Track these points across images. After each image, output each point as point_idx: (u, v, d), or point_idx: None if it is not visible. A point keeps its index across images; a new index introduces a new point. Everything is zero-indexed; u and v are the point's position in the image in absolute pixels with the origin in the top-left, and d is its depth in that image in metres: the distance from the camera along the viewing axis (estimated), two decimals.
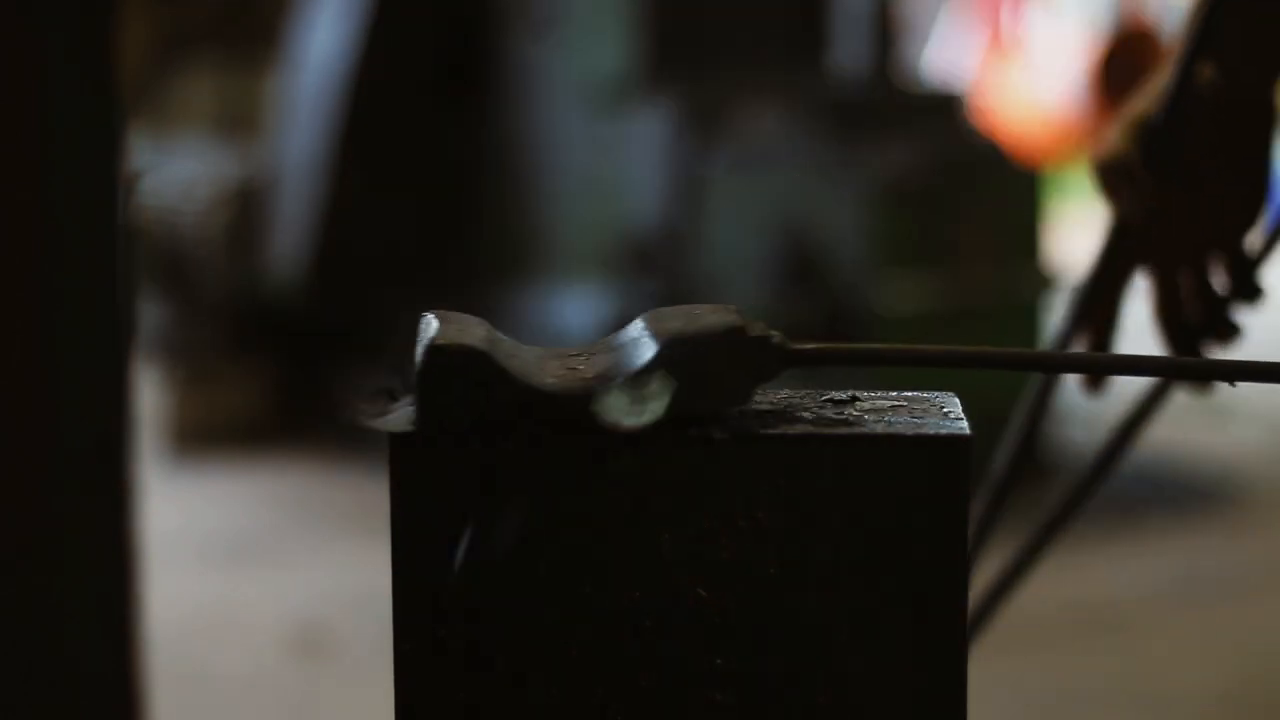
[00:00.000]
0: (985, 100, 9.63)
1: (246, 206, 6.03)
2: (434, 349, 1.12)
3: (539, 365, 1.15)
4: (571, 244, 5.89)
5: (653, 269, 5.59)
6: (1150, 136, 1.55)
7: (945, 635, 1.14)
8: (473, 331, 1.14)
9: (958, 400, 1.20)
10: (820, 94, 5.73)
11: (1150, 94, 1.57)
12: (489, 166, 6.11)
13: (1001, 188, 5.40)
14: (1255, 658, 4.24)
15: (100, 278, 0.84)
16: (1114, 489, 5.97)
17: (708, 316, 1.15)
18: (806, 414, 1.16)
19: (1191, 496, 5.49)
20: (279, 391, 5.94)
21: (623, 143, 5.75)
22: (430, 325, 1.15)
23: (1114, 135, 1.56)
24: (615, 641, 1.13)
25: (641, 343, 1.15)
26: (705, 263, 5.51)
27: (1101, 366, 1.46)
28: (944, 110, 5.90)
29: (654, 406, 1.11)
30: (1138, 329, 1.69)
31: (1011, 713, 3.83)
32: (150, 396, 5.65)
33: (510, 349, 1.15)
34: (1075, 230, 8.26)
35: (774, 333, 1.15)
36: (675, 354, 1.12)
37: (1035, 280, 5.50)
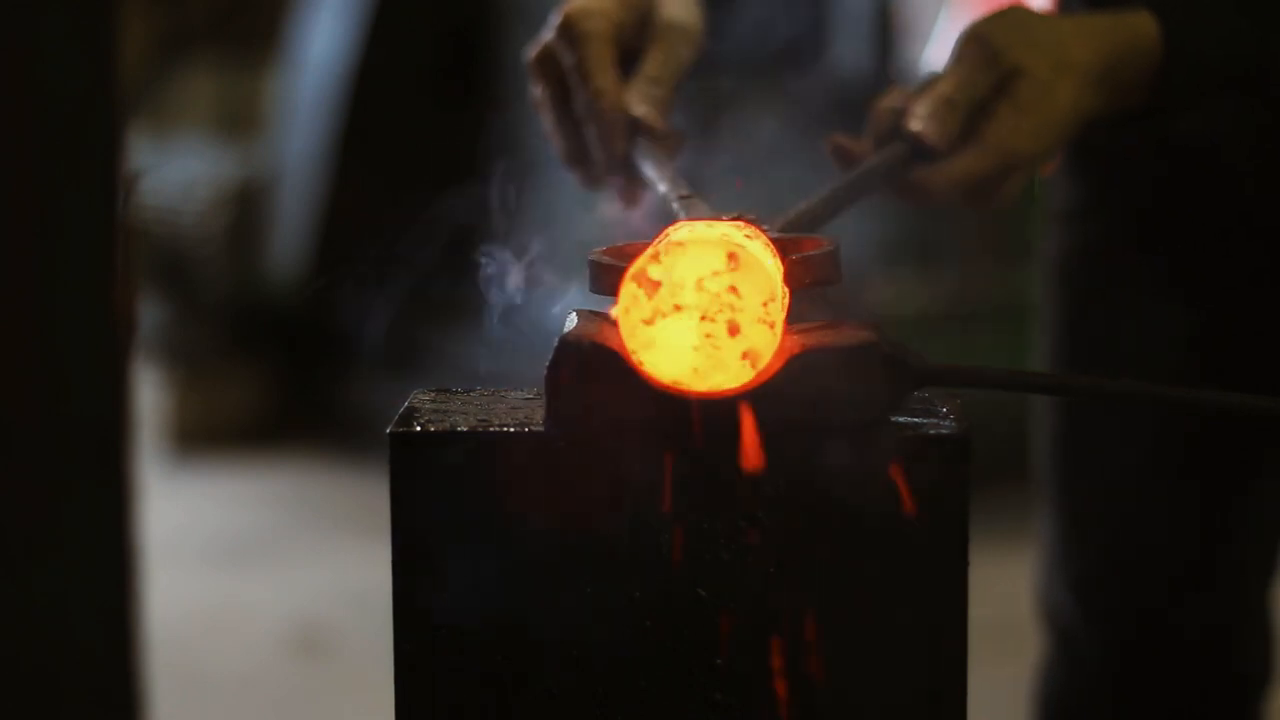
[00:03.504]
0: None
1: (246, 206, 6.03)
2: (565, 344, 1.12)
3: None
4: (571, 243, 5.89)
5: None
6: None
7: (945, 635, 1.14)
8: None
9: (958, 400, 1.20)
10: (820, 94, 5.73)
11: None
12: (488, 165, 6.10)
13: None
14: None
15: (100, 277, 0.84)
16: None
17: (845, 332, 1.15)
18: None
19: None
20: (279, 391, 5.94)
21: None
22: (569, 320, 1.15)
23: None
24: (615, 642, 1.13)
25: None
26: None
27: (1247, 411, 1.44)
28: None
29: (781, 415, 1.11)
30: None
31: (1012, 713, 3.83)
32: (150, 396, 5.64)
33: None
34: None
35: (912, 351, 1.15)
36: (806, 365, 1.12)
37: (1035, 280, 5.50)
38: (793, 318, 1.19)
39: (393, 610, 1.14)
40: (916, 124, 1.49)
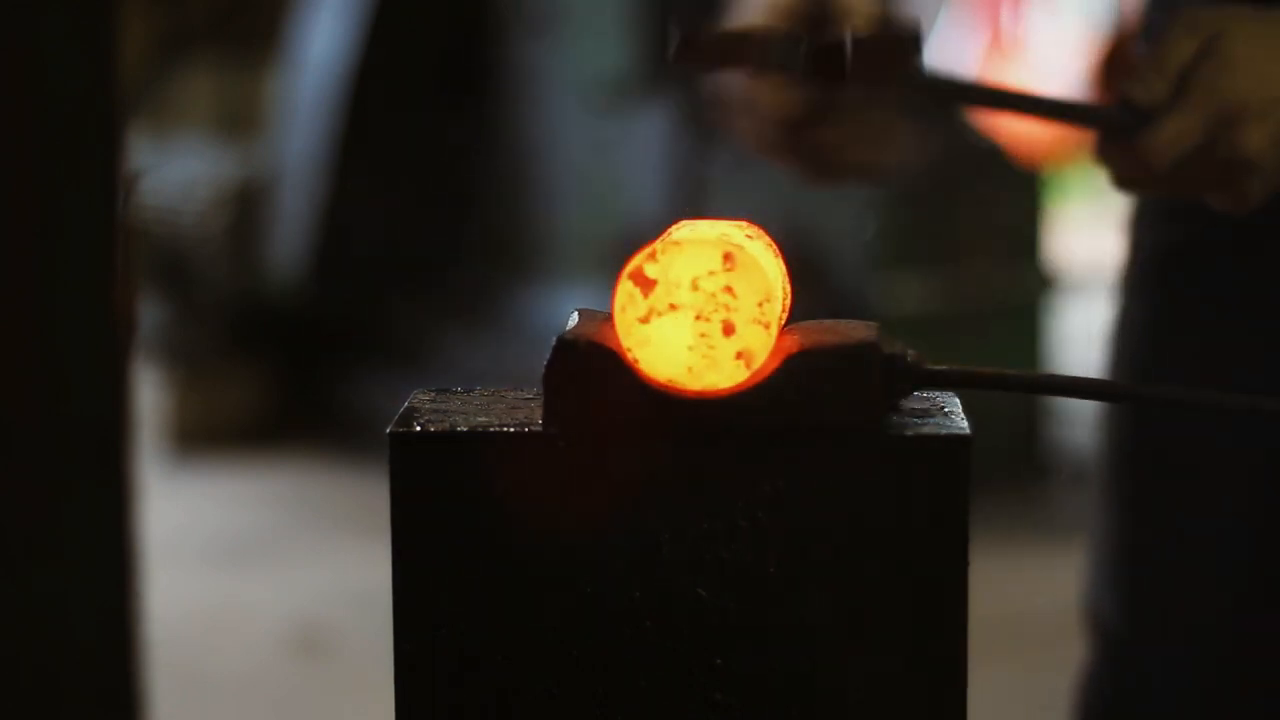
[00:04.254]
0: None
1: (246, 206, 6.03)
2: (563, 343, 1.12)
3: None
4: (571, 243, 5.90)
5: None
6: None
7: (945, 635, 1.14)
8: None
9: (957, 400, 1.20)
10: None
11: None
12: (489, 166, 6.10)
13: (1001, 187, 5.39)
14: None
15: (100, 277, 0.84)
16: None
17: (846, 331, 1.15)
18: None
19: None
20: (279, 391, 5.94)
21: (623, 142, 5.74)
22: (570, 319, 1.15)
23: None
24: (615, 642, 1.13)
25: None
26: None
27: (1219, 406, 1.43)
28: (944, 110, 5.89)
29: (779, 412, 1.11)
30: None
31: (1012, 713, 3.83)
32: (150, 396, 5.65)
33: None
34: (1075, 230, 8.26)
35: (910, 352, 1.15)
36: (805, 365, 1.12)
37: (1035, 280, 5.50)
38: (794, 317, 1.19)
39: (393, 610, 1.14)
40: (1125, 86, 1.51)
